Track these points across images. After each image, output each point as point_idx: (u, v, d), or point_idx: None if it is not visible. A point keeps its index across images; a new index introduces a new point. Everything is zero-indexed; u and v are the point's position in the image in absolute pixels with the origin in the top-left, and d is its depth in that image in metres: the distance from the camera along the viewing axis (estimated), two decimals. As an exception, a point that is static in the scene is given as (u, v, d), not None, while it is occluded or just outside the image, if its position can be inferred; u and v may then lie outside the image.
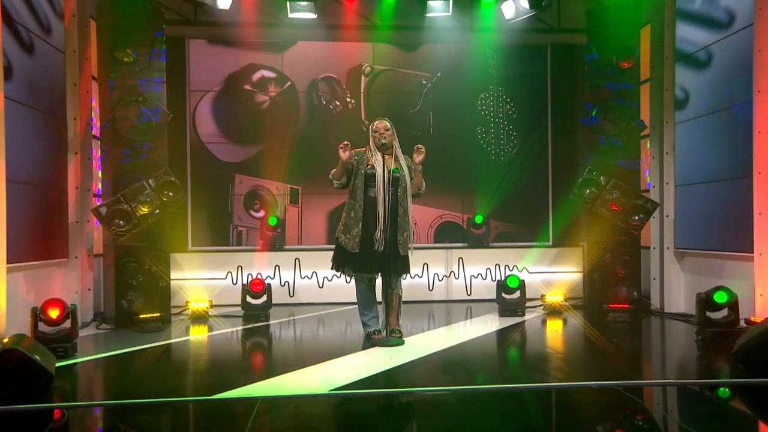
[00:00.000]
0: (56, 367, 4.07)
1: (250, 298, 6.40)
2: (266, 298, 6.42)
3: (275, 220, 7.52)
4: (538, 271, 7.55)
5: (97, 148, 6.58)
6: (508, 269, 7.55)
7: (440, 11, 7.09)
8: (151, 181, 5.98)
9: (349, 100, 7.99)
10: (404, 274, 5.11)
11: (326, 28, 7.63)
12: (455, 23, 7.42)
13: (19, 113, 5.14)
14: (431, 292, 7.53)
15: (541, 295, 6.88)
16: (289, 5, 7.04)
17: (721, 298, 5.06)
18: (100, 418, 3.60)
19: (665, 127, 6.65)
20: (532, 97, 8.12)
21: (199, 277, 7.23)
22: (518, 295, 6.47)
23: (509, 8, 7.13)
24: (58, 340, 4.70)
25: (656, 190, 6.75)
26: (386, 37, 7.79)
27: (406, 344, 5.01)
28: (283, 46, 7.91)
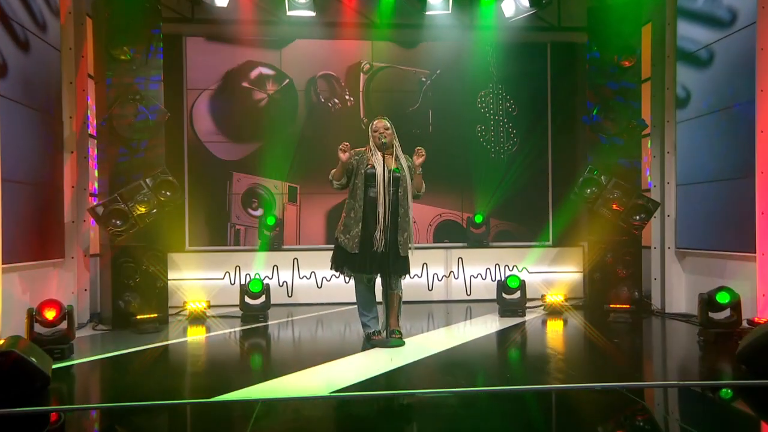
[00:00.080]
0: (53, 369, 4.02)
1: (248, 298, 6.35)
2: (265, 298, 6.37)
3: (273, 219, 7.47)
4: (538, 271, 7.52)
5: (93, 146, 6.55)
6: (507, 269, 7.51)
7: (440, 9, 7.04)
8: (148, 180, 5.94)
9: (347, 97, 7.94)
10: (404, 274, 5.07)
11: (325, 26, 7.57)
12: (455, 21, 7.39)
13: (14, 111, 5.10)
14: (430, 292, 7.49)
15: (541, 295, 6.85)
16: (287, 3, 6.97)
17: (723, 298, 5.04)
18: (97, 421, 3.55)
19: (666, 126, 6.63)
20: (532, 95, 8.07)
21: (196, 277, 7.18)
22: (518, 295, 6.43)
23: (509, 6, 7.08)
24: (54, 341, 4.66)
25: (657, 189, 6.72)
26: (385, 35, 7.73)
27: (406, 345, 4.97)
28: (281, 43, 7.85)
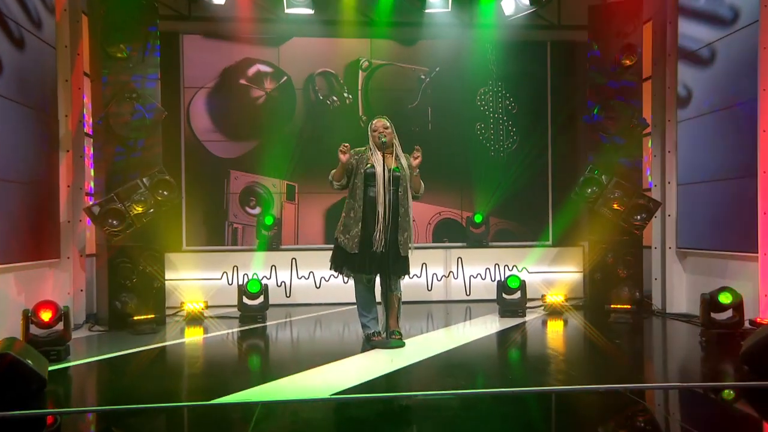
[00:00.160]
0: (49, 371, 3.98)
1: (246, 299, 6.30)
2: (263, 299, 6.32)
3: (272, 219, 7.40)
4: (537, 270, 7.48)
5: (89, 145, 6.49)
6: (507, 269, 7.47)
7: (439, 7, 7.01)
8: (145, 179, 5.88)
9: (346, 95, 7.87)
10: (404, 275, 5.03)
11: (323, 24, 7.51)
12: (454, 19, 7.34)
13: (8, 110, 5.05)
14: (430, 292, 7.44)
15: (541, 295, 6.81)
16: (285, 0, 6.92)
17: (725, 298, 5.01)
18: (94, 423, 3.50)
19: (667, 125, 6.59)
20: (531, 93, 8.01)
21: (194, 277, 7.12)
22: (519, 295, 6.39)
23: (509, 5, 7.05)
24: (50, 343, 4.61)
25: (658, 189, 6.68)
26: (384, 33, 7.66)
27: (406, 346, 4.93)
28: (279, 40, 7.78)
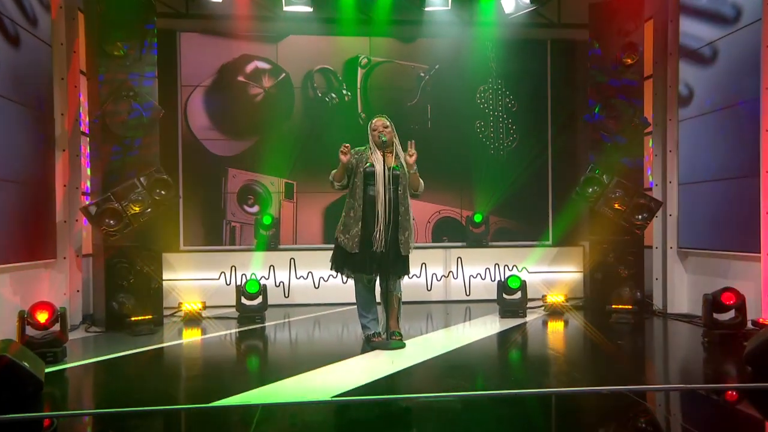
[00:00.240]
0: (45, 373, 3.92)
1: (245, 299, 6.24)
2: (262, 299, 6.26)
3: (270, 218, 7.34)
4: (537, 270, 7.44)
5: (85, 144, 6.43)
6: (507, 269, 7.42)
7: (439, 5, 6.97)
8: (142, 178, 5.82)
9: (345, 92, 7.80)
10: (404, 275, 4.99)
11: (322, 21, 7.45)
12: (454, 17, 7.30)
13: (3, 108, 5.00)
14: (429, 292, 7.39)
15: (542, 295, 6.77)
16: (283, -2, 6.88)
17: (728, 299, 4.98)
18: (91, 426, 3.45)
19: (668, 124, 6.55)
20: (532, 92, 7.96)
21: (191, 277, 7.06)
22: (519, 295, 6.35)
23: (509, 3, 7.01)
24: (46, 344, 4.55)
25: (659, 188, 6.64)
26: (383, 31, 7.59)
27: (407, 347, 4.88)
28: (277, 37, 7.71)
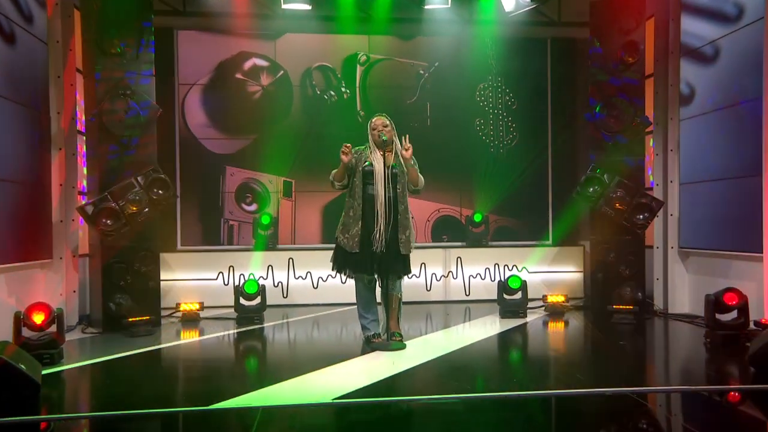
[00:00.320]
0: (42, 375, 3.85)
1: (243, 299, 6.19)
2: (260, 299, 6.21)
3: (268, 218, 7.28)
4: (537, 270, 7.40)
5: (82, 143, 6.36)
6: (507, 269, 7.38)
7: (439, 3, 6.92)
8: (139, 178, 5.76)
9: (344, 89, 7.73)
10: (405, 275, 4.96)
11: (321, 19, 7.38)
12: (454, 16, 7.25)
13: (-1, 107, 4.91)
14: (429, 292, 7.33)
15: (542, 295, 6.73)
16: (282, -5, 6.83)
17: (731, 299, 4.95)
18: (89, 429, 3.40)
19: (669, 123, 6.51)
20: (531, 90, 7.91)
21: (189, 277, 6.99)
22: (520, 295, 6.31)
23: (509, 1, 6.97)
24: (43, 346, 4.49)
25: (660, 188, 6.60)
26: (382, 29, 7.52)
27: (407, 348, 4.84)
28: (275, 34, 7.63)
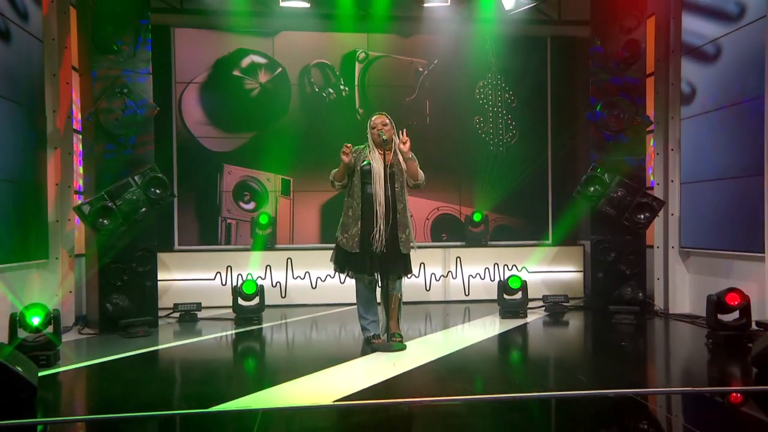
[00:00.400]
0: (38, 377, 3.81)
1: (241, 300, 6.14)
2: (259, 300, 6.16)
3: (266, 218, 7.22)
4: (537, 270, 7.36)
5: (78, 142, 6.30)
6: (507, 269, 7.34)
7: (438, 1, 6.87)
8: (136, 177, 5.70)
9: (342, 87, 7.67)
10: (406, 275, 4.91)
11: (319, 17, 7.31)
12: (454, 14, 7.20)
13: (-6, 105, 4.85)
14: (428, 292, 7.29)
15: (542, 295, 6.70)
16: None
17: (733, 300, 4.92)
18: (86, 433, 3.35)
19: (670, 122, 6.48)
20: (531, 88, 7.86)
21: (186, 277, 6.94)
22: (520, 296, 6.27)
23: (509, -1, 6.93)
24: (39, 347, 4.44)
25: (660, 187, 6.57)
26: (382, 27, 7.46)
27: (408, 349, 4.80)
28: (273, 31, 7.56)
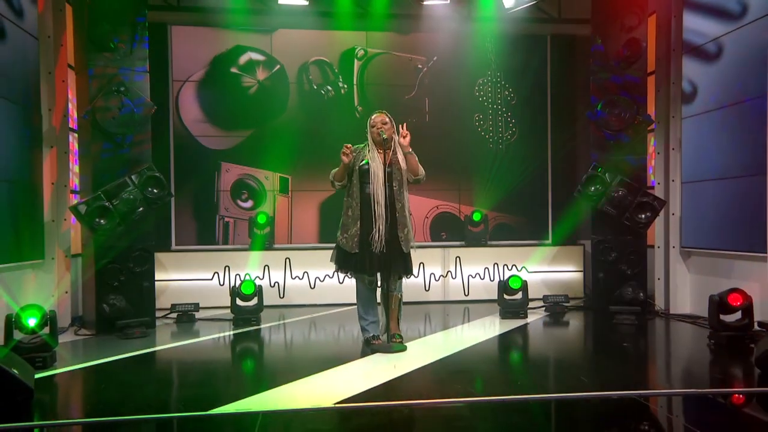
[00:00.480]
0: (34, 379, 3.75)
1: (240, 300, 6.08)
2: (257, 300, 6.10)
3: (265, 217, 7.16)
4: (537, 270, 7.33)
5: (74, 141, 6.24)
6: (506, 268, 7.30)
7: (438, -1, 6.84)
8: (134, 176, 5.64)
9: (341, 84, 7.61)
10: (406, 275, 4.86)
11: (317, 15, 7.24)
12: (453, 12, 7.15)
13: (-11, 103, 4.79)
14: (427, 292, 7.25)
15: (543, 296, 6.66)
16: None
17: (735, 300, 4.89)
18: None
19: (671, 121, 6.44)
20: (531, 86, 7.81)
21: (184, 278, 6.89)
22: (520, 296, 6.23)
23: (509, -3, 6.88)
24: (35, 349, 4.38)
25: (661, 187, 6.54)
26: (381, 25, 7.40)
27: (408, 350, 4.76)
28: (271, 29, 7.50)
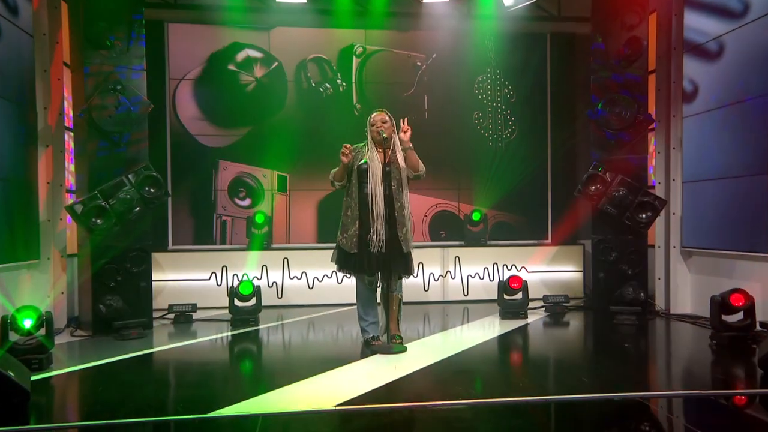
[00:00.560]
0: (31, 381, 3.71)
1: (238, 301, 6.03)
2: (255, 301, 6.05)
3: (263, 217, 7.10)
4: (536, 270, 7.29)
5: (70, 140, 6.18)
6: (506, 268, 7.26)
7: (438, -3, 6.80)
8: (130, 175, 5.59)
9: (339, 82, 7.56)
10: (407, 275, 4.82)
11: (316, 13, 7.19)
12: (453, 10, 7.11)
13: (-16, 101, 4.72)
14: (427, 292, 7.20)
15: (543, 296, 6.63)
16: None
17: (737, 301, 4.86)
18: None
19: (672, 120, 6.41)
20: (531, 84, 7.76)
21: (181, 278, 6.83)
22: (520, 296, 6.19)
23: (509, -5, 6.84)
24: (31, 350, 4.32)
25: (662, 186, 6.50)
26: (380, 24, 7.35)
27: (408, 351, 4.71)
28: (269, 26, 7.43)
